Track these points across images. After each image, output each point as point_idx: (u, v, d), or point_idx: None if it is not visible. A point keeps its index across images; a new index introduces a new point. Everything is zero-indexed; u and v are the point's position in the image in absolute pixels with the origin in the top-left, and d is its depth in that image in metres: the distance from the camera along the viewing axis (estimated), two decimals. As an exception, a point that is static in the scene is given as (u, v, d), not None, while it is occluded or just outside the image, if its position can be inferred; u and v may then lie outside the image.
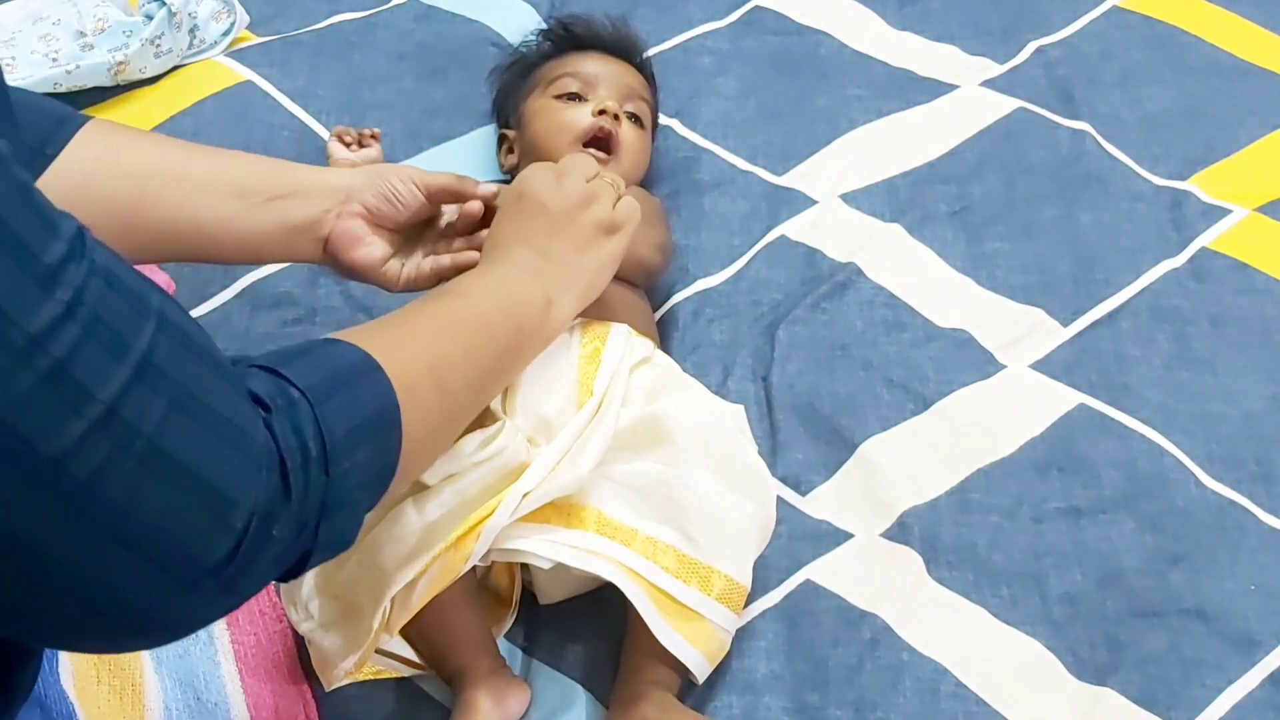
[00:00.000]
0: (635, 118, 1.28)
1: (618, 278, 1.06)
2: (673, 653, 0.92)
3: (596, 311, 1.07)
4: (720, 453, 1.00)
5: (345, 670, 0.92)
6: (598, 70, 1.29)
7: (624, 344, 1.03)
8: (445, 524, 0.90)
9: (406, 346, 0.80)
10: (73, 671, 0.81)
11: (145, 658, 0.89)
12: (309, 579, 0.94)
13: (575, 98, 1.27)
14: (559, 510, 0.94)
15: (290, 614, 0.95)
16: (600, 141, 1.22)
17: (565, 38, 1.35)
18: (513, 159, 1.32)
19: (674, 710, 0.92)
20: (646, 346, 1.06)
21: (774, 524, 1.03)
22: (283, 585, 0.96)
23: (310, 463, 0.66)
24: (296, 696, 0.96)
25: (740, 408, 1.06)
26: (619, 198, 1.01)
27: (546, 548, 0.92)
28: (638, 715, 0.91)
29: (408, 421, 0.75)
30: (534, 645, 1.00)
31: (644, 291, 1.19)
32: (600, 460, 0.94)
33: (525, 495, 0.91)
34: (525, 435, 0.95)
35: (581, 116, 1.24)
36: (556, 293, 0.94)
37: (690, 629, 0.93)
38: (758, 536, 1.01)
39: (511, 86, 1.37)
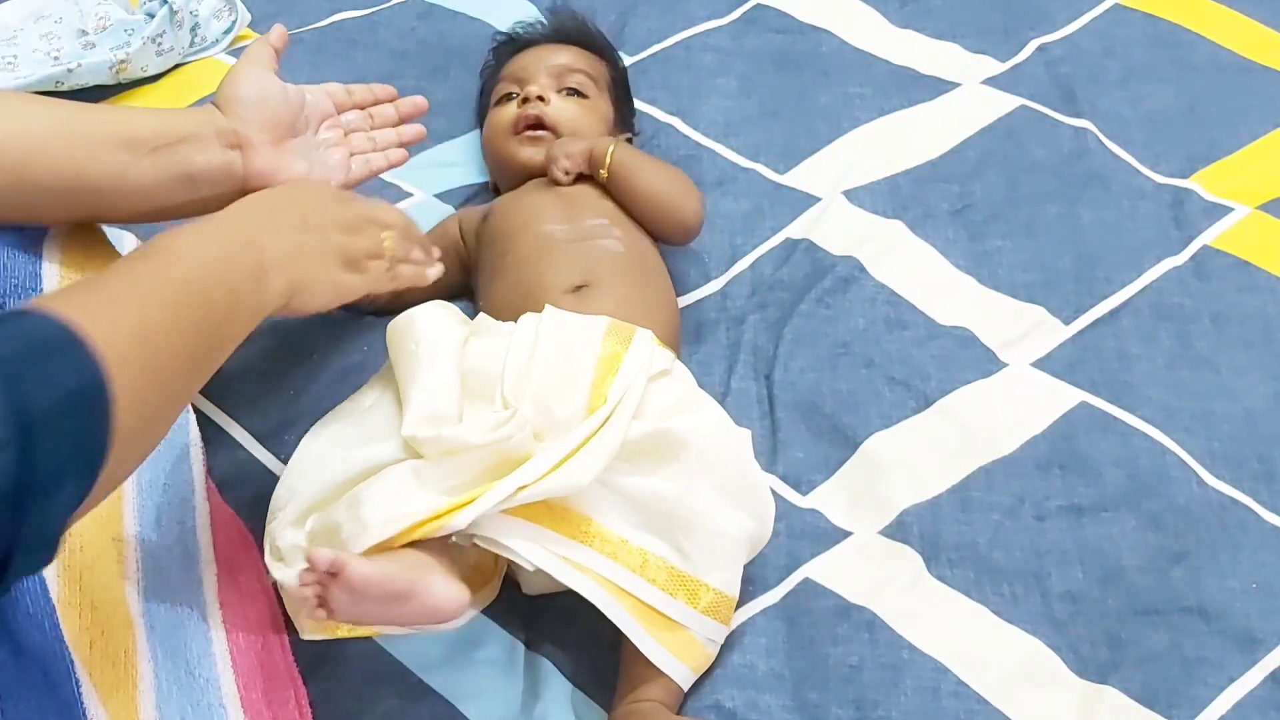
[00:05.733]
0: (574, 91, 1.28)
1: (656, 237, 1.16)
2: (656, 665, 0.92)
3: (637, 312, 1.07)
4: (726, 468, 0.99)
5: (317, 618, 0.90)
6: (526, 64, 1.31)
7: (646, 354, 1.02)
8: (437, 495, 0.90)
9: (110, 314, 0.72)
10: (67, 633, 0.81)
11: (138, 626, 0.88)
12: (290, 523, 0.93)
13: (509, 98, 1.29)
14: (552, 512, 0.93)
15: (266, 558, 0.94)
16: (531, 128, 1.26)
17: (509, 46, 1.38)
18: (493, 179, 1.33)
19: None
20: (667, 358, 1.05)
21: (768, 538, 1.03)
22: (267, 529, 0.95)
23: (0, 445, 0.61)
24: (288, 681, 0.95)
25: (748, 432, 1.06)
26: (384, 259, 1.01)
27: (533, 551, 0.91)
28: None
29: (118, 400, 0.69)
30: (535, 640, 1.00)
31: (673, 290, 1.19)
32: (604, 470, 0.94)
33: (521, 488, 0.90)
34: (533, 429, 0.95)
35: (509, 112, 1.27)
36: (275, 267, 0.90)
37: (674, 641, 0.93)
38: (750, 549, 1.00)
39: (481, 109, 1.39)
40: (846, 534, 1.06)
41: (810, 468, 1.11)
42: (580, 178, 1.22)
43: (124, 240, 1.22)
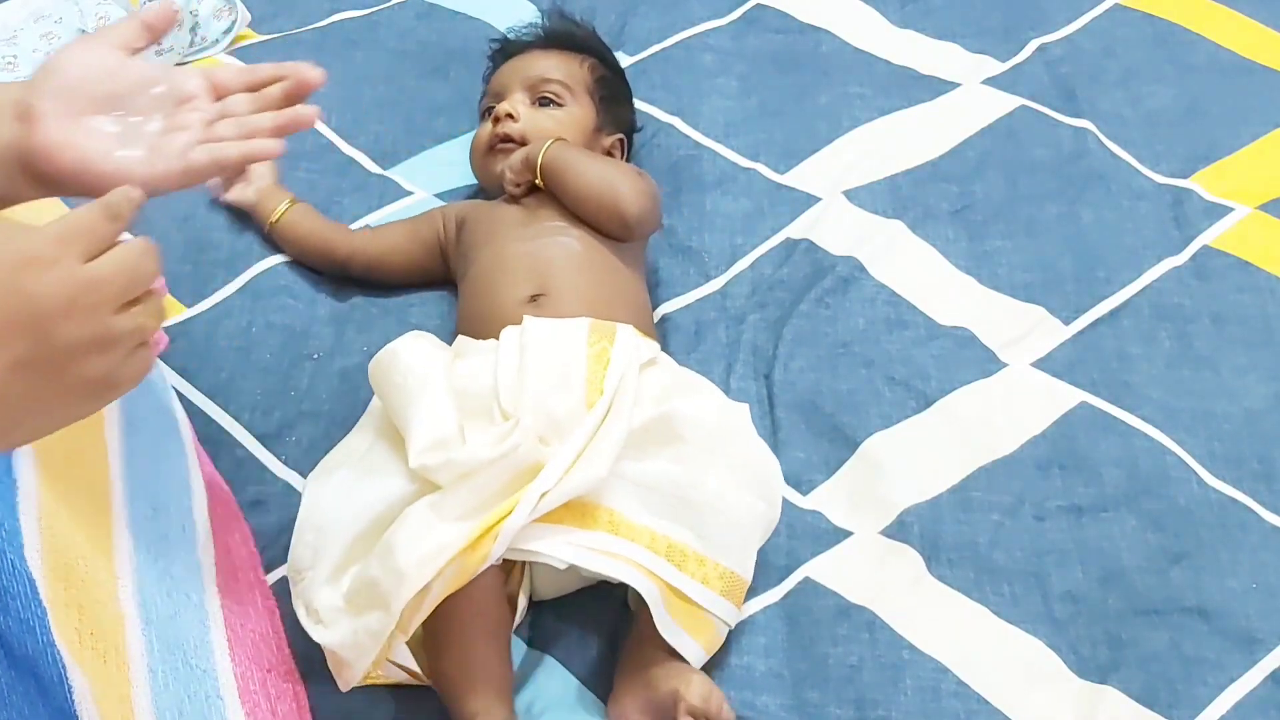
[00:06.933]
0: (549, 100, 1.28)
1: (608, 235, 1.14)
2: (671, 644, 0.93)
3: (599, 310, 1.07)
4: (732, 451, 1.01)
5: (362, 672, 0.92)
6: (503, 77, 1.32)
7: (632, 344, 1.03)
8: (462, 524, 0.90)
9: None
10: (59, 633, 0.80)
11: (132, 618, 0.87)
12: (324, 583, 0.94)
13: (489, 113, 1.29)
14: (572, 510, 0.94)
15: (302, 620, 0.94)
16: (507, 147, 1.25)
17: (500, 54, 1.38)
18: None
19: (685, 669, 0.92)
20: (653, 348, 1.07)
21: (778, 518, 1.03)
22: (294, 589, 0.96)
23: None
24: (285, 673, 0.95)
25: (745, 406, 1.07)
26: (140, 344, 0.73)
27: (563, 549, 0.92)
28: (647, 675, 0.92)
29: None
30: (537, 638, 1.00)
31: (647, 288, 1.20)
32: (616, 460, 0.95)
33: (543, 495, 0.91)
34: (537, 435, 0.95)
35: (486, 130, 1.28)
36: None
37: (691, 622, 0.94)
38: (762, 531, 1.02)
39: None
40: (847, 534, 1.06)
41: (810, 468, 1.11)
42: (539, 186, 1.22)
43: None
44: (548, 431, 0.96)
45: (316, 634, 0.93)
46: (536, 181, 1.20)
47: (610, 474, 0.94)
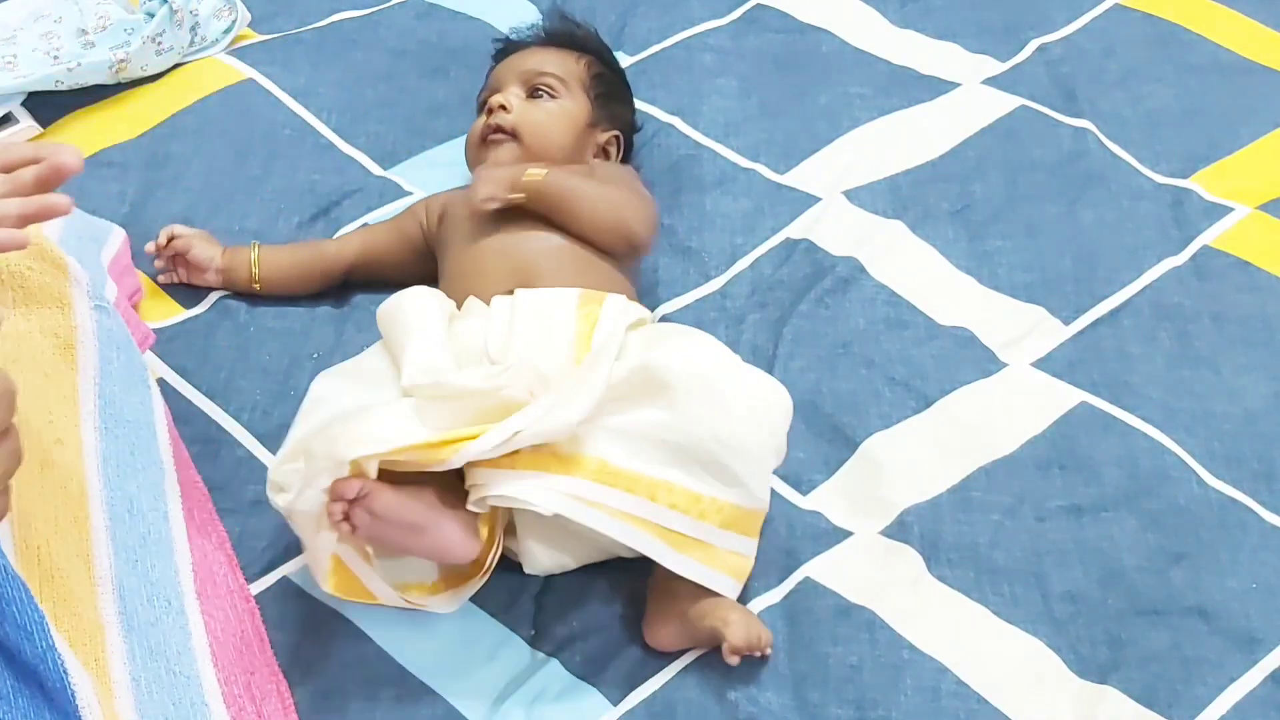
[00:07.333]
0: (541, 92, 1.28)
1: (604, 251, 1.14)
2: (695, 580, 0.94)
3: (590, 284, 1.10)
4: (722, 386, 1.00)
5: (327, 543, 0.93)
6: (501, 72, 1.32)
7: (621, 308, 1.06)
8: (434, 430, 0.93)
9: None
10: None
11: (113, 626, 0.87)
12: (287, 459, 0.96)
13: (483, 107, 1.30)
14: (559, 458, 0.95)
15: (269, 494, 0.96)
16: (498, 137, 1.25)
17: (501, 53, 1.38)
18: None
19: (719, 604, 0.95)
20: (642, 310, 1.09)
21: (785, 447, 1.03)
22: (272, 464, 0.97)
23: None
24: (269, 675, 0.95)
25: (736, 357, 1.07)
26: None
27: (546, 496, 0.93)
28: (680, 606, 0.95)
29: None
30: (540, 637, 1.00)
31: (634, 280, 1.20)
32: (596, 410, 0.96)
33: (517, 433, 0.93)
34: (526, 388, 0.97)
35: (480, 122, 1.28)
36: None
37: (708, 555, 0.95)
38: (772, 457, 1.01)
39: None
40: (847, 534, 1.06)
41: (810, 468, 1.11)
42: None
43: (113, 233, 1.22)
44: (536, 386, 0.98)
45: (276, 500, 0.96)
46: (513, 197, 1.16)
47: (598, 427, 0.96)
